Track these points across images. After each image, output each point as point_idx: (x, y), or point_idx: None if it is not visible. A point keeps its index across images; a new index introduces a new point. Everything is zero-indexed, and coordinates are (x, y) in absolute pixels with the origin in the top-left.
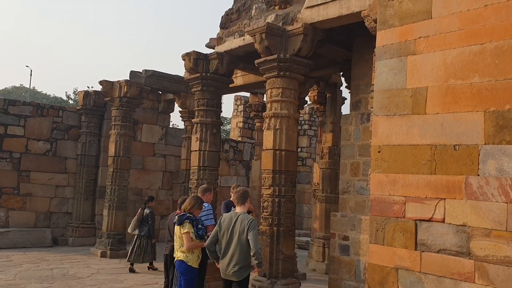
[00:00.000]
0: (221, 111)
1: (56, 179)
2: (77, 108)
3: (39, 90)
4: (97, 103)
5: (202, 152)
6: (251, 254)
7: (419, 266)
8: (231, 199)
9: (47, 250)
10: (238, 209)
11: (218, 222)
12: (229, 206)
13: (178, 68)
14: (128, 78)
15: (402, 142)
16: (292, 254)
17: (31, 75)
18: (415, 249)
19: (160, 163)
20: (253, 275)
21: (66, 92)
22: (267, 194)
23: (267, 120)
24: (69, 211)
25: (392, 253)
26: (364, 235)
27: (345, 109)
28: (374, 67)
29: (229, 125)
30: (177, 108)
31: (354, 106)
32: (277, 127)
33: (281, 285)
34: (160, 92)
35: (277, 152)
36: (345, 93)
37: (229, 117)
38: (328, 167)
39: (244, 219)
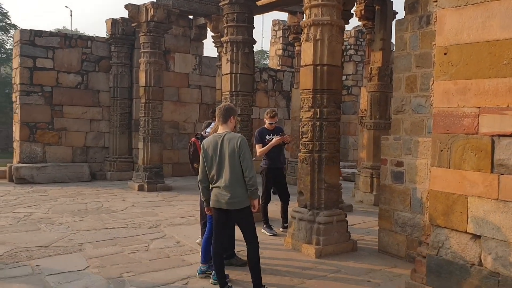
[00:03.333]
0: (254, 27)
1: (90, 113)
2: (106, 38)
3: (82, 32)
4: (125, 32)
5: (233, 75)
6: (246, 180)
7: (496, 193)
8: (265, 126)
9: (85, 184)
10: (221, 129)
11: (202, 150)
12: (262, 135)
13: None
14: (155, 0)
15: (477, 39)
16: (337, 183)
17: (71, 15)
18: (491, 172)
19: (195, 94)
20: (292, 206)
21: (106, 32)
22: (307, 118)
23: (305, 31)
24: (105, 145)
25: (460, 177)
26: (422, 160)
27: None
28: None
29: (268, 60)
30: (209, 35)
31: (410, 8)
32: (318, 37)
33: (324, 216)
34: (192, 17)
35: (318, 67)
36: (397, 5)
37: (268, 51)
38: (377, 90)
39: (231, 138)
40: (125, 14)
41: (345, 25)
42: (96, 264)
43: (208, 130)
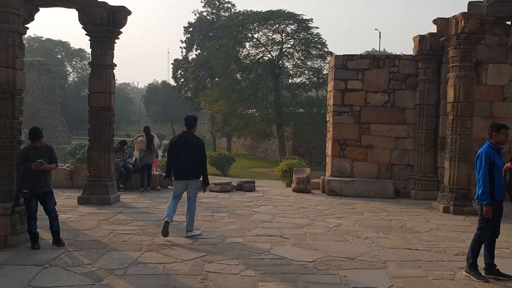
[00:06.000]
0: None
1: (395, 130)
2: (413, 55)
3: (389, 52)
4: (433, 47)
5: None
6: None
7: None
8: None
9: (389, 201)
10: None
11: None
12: None
13: None
14: (466, 11)
15: None
16: None
17: (379, 37)
18: None
19: None
20: None
21: (413, 49)
22: None
23: None
24: (410, 163)
25: None
26: None
27: None
28: None
29: None
30: None
31: None
32: None
33: None
34: (509, 23)
35: None
36: None
37: None
38: None
39: None
40: (432, 29)
41: None
42: (399, 285)
43: None
